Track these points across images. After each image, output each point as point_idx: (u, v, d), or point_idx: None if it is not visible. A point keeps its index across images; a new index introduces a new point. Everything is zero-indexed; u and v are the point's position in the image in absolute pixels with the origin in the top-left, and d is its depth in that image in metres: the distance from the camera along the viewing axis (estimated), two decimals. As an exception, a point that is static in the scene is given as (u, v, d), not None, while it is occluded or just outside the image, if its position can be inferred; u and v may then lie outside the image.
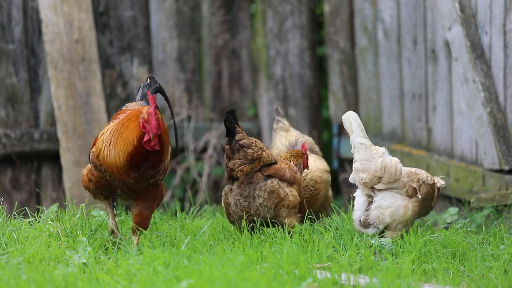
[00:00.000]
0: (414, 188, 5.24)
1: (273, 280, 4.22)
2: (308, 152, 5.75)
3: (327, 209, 5.85)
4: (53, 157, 7.49)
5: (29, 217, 5.41)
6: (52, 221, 5.31)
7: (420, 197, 5.23)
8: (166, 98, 5.36)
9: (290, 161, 5.48)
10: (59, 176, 7.53)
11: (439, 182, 5.43)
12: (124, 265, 4.44)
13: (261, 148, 5.25)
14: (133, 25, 7.80)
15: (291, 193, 5.27)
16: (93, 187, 4.93)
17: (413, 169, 5.30)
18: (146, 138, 4.75)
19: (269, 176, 5.26)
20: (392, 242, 5.05)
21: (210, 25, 8.07)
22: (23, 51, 7.41)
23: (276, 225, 5.23)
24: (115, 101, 7.71)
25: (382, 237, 5.21)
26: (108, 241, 5.07)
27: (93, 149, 4.84)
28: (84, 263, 4.62)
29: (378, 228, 5.22)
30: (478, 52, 6.39)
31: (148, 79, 5.30)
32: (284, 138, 6.04)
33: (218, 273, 4.21)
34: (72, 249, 4.88)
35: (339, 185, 8.00)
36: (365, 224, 5.25)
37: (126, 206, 6.69)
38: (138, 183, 4.85)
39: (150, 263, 4.44)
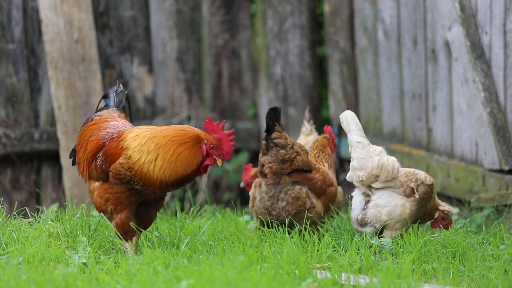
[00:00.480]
0: (412, 188, 5.25)
1: (273, 280, 4.22)
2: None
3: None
4: (53, 157, 7.49)
5: (29, 217, 5.41)
6: (52, 221, 5.31)
7: (417, 196, 5.24)
8: (129, 104, 5.30)
9: (321, 159, 5.47)
10: (59, 176, 7.53)
11: (446, 208, 5.43)
12: (124, 265, 4.44)
13: (296, 152, 5.22)
14: (133, 25, 7.80)
15: (316, 207, 5.27)
16: (112, 207, 4.82)
17: (411, 170, 5.32)
18: (210, 162, 4.73)
19: (298, 182, 5.25)
20: (392, 242, 5.05)
21: (210, 25, 8.07)
22: (23, 51, 7.41)
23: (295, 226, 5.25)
24: (115, 101, 7.70)
25: (381, 237, 5.22)
26: (108, 241, 5.07)
27: (122, 161, 4.72)
28: (84, 263, 4.62)
29: (375, 227, 5.23)
30: (478, 52, 6.39)
31: (120, 85, 5.24)
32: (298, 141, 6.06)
33: (218, 273, 4.21)
34: (72, 249, 4.87)
35: (339, 185, 7.99)
36: (362, 223, 5.26)
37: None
38: (168, 191, 4.86)
39: (150, 263, 4.44)
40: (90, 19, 7.49)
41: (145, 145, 4.71)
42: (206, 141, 4.70)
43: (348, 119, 5.29)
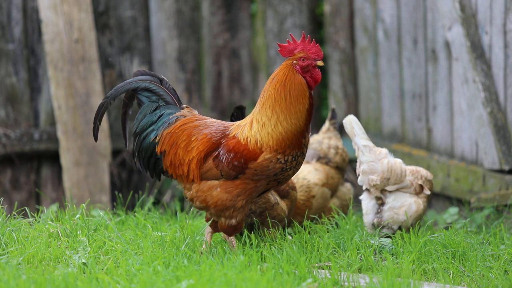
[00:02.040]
0: (420, 185, 5.29)
1: (273, 280, 4.21)
2: (313, 161, 5.76)
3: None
4: (53, 157, 7.49)
5: (29, 217, 5.40)
6: (52, 221, 5.30)
7: (428, 192, 5.28)
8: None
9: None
10: (59, 176, 7.53)
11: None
12: (124, 265, 4.44)
13: None
14: (133, 25, 7.80)
15: (281, 205, 5.21)
16: (243, 201, 4.70)
17: (413, 167, 5.35)
18: (312, 72, 4.65)
19: None
20: (392, 242, 5.06)
21: (210, 25, 8.07)
22: (23, 51, 7.40)
23: (258, 228, 5.18)
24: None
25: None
26: (107, 241, 5.06)
27: (267, 156, 4.63)
28: (84, 263, 4.62)
29: (393, 229, 5.25)
30: (478, 52, 6.39)
31: (162, 76, 5.05)
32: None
33: (218, 273, 4.20)
34: (72, 249, 4.87)
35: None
36: (379, 227, 5.26)
37: (129, 206, 6.69)
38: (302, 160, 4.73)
39: (150, 263, 4.44)
40: (90, 19, 7.49)
41: (262, 119, 4.67)
42: (294, 61, 4.66)
43: (352, 123, 5.29)
